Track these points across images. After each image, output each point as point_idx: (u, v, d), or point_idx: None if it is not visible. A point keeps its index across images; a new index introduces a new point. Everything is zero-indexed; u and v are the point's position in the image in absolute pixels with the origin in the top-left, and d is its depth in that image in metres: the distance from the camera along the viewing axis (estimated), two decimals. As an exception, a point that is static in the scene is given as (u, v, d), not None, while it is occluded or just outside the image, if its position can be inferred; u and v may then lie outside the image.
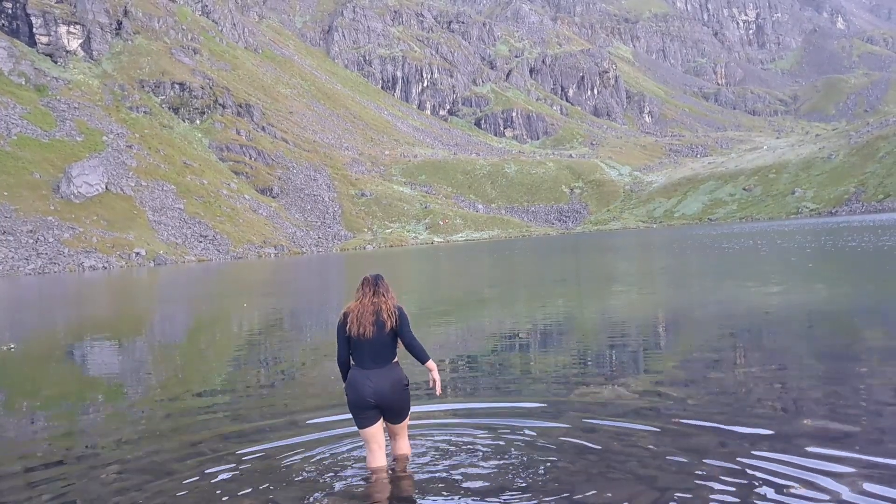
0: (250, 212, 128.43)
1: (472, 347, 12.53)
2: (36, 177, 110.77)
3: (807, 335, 11.56)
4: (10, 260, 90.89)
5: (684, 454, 5.86)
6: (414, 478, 5.75)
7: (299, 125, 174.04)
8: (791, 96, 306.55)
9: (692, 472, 5.47)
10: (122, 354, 14.87)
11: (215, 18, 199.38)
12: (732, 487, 5.12)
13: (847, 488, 5.01)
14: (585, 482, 5.39)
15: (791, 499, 4.89)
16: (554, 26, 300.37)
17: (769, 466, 5.47)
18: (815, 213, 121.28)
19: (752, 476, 5.31)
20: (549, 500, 5.09)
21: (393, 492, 5.54)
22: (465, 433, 6.84)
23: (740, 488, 5.10)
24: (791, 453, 5.71)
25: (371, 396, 5.63)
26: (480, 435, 6.75)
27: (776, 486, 5.11)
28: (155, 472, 6.34)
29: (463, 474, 5.72)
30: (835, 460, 5.53)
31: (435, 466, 5.95)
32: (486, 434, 6.77)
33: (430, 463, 6.05)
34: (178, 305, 28.42)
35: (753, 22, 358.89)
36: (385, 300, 5.84)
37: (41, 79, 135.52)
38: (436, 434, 6.85)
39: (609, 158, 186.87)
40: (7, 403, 10.30)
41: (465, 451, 6.30)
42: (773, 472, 5.36)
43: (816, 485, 5.09)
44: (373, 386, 5.63)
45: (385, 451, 5.96)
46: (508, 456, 6.08)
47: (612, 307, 17.54)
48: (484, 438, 6.63)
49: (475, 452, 6.23)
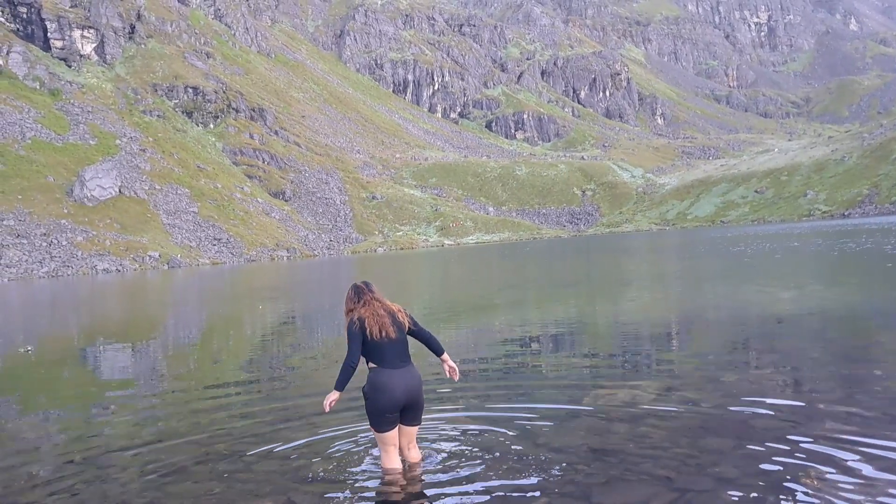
0: (263, 215, 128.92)
1: (486, 350, 12.52)
2: (50, 180, 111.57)
3: (822, 337, 11.50)
4: (24, 263, 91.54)
5: (701, 455, 5.85)
6: (430, 479, 5.76)
7: (311, 129, 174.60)
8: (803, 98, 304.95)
9: (709, 473, 5.46)
10: (136, 356, 14.96)
11: (228, 23, 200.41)
12: (749, 489, 5.10)
13: (865, 492, 4.99)
14: (602, 484, 5.39)
15: (807, 500, 4.88)
16: (565, 29, 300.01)
17: (785, 468, 5.45)
18: (827, 215, 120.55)
19: (769, 478, 5.29)
20: (565, 501, 5.10)
21: (410, 493, 5.55)
22: (480, 435, 6.85)
23: (757, 489, 5.09)
24: (808, 455, 5.70)
25: (403, 396, 5.69)
26: (495, 437, 6.76)
27: (793, 488, 5.10)
28: (172, 473, 6.38)
29: (478, 476, 5.73)
30: (852, 463, 5.51)
31: (450, 468, 5.96)
32: (501, 436, 6.77)
33: (446, 465, 6.06)
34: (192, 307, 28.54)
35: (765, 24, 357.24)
36: (389, 304, 5.98)
37: (55, 83, 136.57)
38: (450, 436, 6.87)
39: (621, 160, 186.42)
40: (24, 405, 10.38)
41: (480, 452, 6.30)
42: (789, 473, 5.35)
43: (833, 487, 5.08)
44: (405, 385, 5.70)
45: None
46: (524, 458, 6.08)
47: (627, 309, 17.50)
48: (499, 440, 6.64)
49: (490, 454, 6.23)
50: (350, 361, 5.70)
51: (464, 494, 5.38)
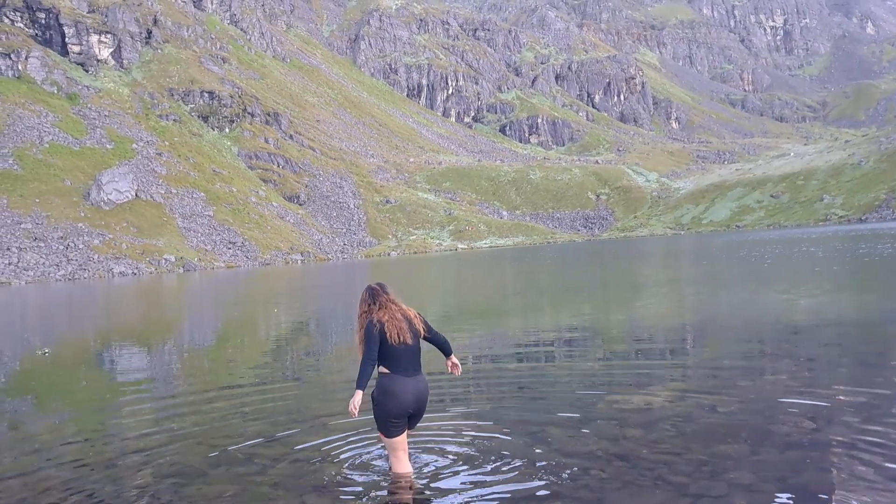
0: (278, 219, 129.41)
1: (500, 354, 12.51)
2: (67, 184, 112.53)
3: (838, 343, 11.41)
4: (41, 266, 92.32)
5: (715, 461, 5.81)
6: (442, 484, 5.76)
7: (326, 133, 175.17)
8: (819, 102, 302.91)
9: (723, 479, 5.42)
10: (151, 359, 15.04)
11: (244, 28, 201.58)
12: (764, 495, 5.07)
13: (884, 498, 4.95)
14: (616, 489, 5.37)
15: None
16: (580, 33, 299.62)
17: (802, 475, 5.41)
18: (843, 220, 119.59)
19: (784, 484, 5.26)
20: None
21: (423, 498, 5.55)
22: (493, 439, 6.84)
23: (772, 496, 5.05)
24: (823, 462, 5.65)
25: (413, 403, 5.74)
26: (508, 441, 6.75)
27: (808, 495, 5.06)
28: (186, 474, 6.41)
29: (491, 480, 5.72)
30: (870, 467, 5.46)
31: (463, 472, 5.96)
32: (515, 440, 6.76)
33: (458, 468, 6.06)
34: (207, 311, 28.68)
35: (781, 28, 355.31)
36: (406, 308, 5.96)
37: (73, 87, 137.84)
38: (464, 440, 6.87)
39: (636, 164, 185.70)
40: (40, 406, 10.46)
41: (493, 456, 6.29)
42: (806, 479, 5.31)
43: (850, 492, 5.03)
44: (415, 393, 5.74)
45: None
46: (538, 462, 6.06)
47: (641, 314, 17.42)
48: (512, 444, 6.63)
49: (503, 458, 6.22)
50: (370, 358, 5.63)
51: (476, 498, 5.38)
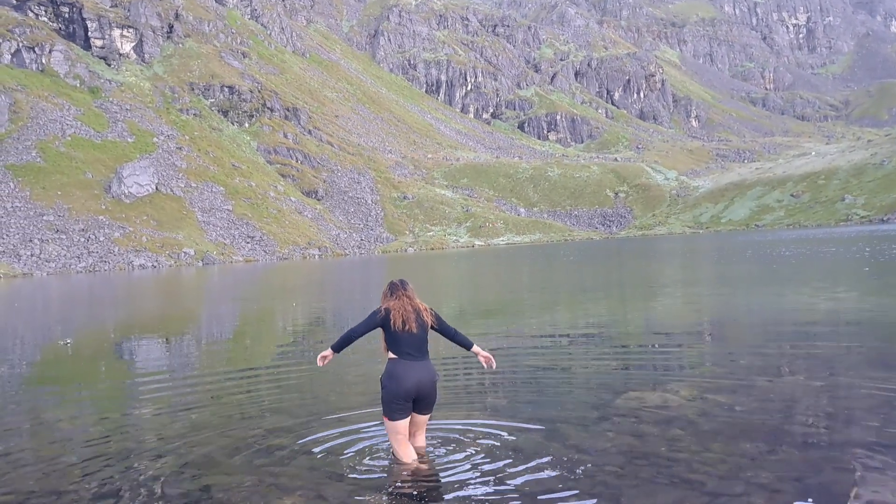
0: (296, 214, 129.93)
1: (516, 350, 12.50)
2: (88, 177, 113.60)
3: (858, 342, 11.31)
4: (62, 258, 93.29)
5: (733, 460, 5.79)
6: (458, 478, 5.77)
7: (344, 129, 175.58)
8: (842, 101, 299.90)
9: (741, 478, 5.40)
10: (170, 350, 15.17)
11: (264, 23, 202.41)
12: (782, 495, 5.05)
13: (902, 499, 4.91)
14: (632, 487, 5.36)
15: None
16: (600, 30, 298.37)
17: (820, 475, 5.38)
18: (865, 220, 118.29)
19: (802, 484, 5.23)
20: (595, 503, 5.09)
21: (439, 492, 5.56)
22: (509, 435, 6.85)
23: (790, 496, 5.03)
24: (843, 462, 5.61)
25: (414, 387, 5.97)
26: (524, 437, 6.76)
27: (827, 495, 5.04)
28: (204, 465, 6.47)
29: (506, 476, 5.73)
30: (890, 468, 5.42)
31: (478, 467, 5.97)
32: (530, 436, 6.77)
33: (474, 464, 6.07)
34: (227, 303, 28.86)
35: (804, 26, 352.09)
36: (418, 302, 6.29)
37: (95, 81, 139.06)
38: (480, 436, 6.88)
39: (655, 162, 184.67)
40: (61, 396, 10.58)
41: (509, 452, 6.30)
42: (824, 481, 5.28)
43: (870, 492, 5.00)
44: (417, 377, 5.98)
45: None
46: (553, 459, 6.06)
47: (659, 312, 17.36)
48: (528, 440, 6.63)
49: (519, 454, 6.23)
50: (355, 330, 6.22)
51: (492, 493, 5.39)
